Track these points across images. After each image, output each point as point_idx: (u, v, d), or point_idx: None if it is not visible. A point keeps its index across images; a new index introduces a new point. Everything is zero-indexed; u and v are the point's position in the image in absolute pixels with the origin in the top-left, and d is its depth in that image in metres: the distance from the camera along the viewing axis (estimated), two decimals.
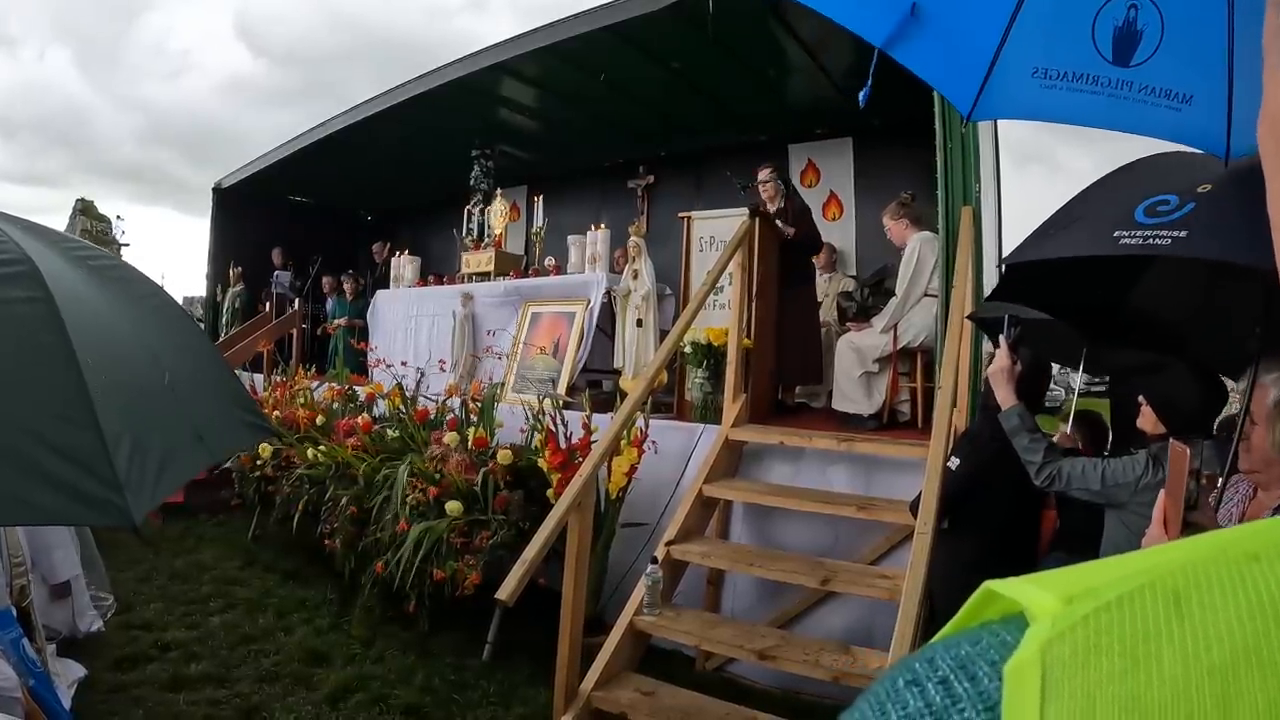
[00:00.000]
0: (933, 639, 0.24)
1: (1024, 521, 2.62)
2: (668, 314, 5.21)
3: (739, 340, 3.77)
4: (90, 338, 1.31)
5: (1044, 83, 1.74)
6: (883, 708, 0.22)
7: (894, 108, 5.62)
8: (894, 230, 4.12)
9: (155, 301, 1.78)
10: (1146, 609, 0.20)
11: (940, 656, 0.22)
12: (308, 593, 4.25)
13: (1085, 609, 0.20)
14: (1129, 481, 1.97)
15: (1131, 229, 1.46)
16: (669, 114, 6.28)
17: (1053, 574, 0.22)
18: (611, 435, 2.96)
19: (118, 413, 1.26)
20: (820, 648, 2.68)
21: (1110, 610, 0.20)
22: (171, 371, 1.53)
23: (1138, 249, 1.45)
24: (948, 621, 0.24)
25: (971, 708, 0.21)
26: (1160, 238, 1.41)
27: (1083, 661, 0.20)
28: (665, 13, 4.59)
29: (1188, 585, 0.20)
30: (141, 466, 1.26)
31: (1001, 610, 0.23)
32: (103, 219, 22.27)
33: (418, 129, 6.99)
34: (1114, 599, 0.20)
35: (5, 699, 2.10)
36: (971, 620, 0.24)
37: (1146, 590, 0.20)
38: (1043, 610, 0.21)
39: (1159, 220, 1.43)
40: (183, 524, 5.45)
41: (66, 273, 1.44)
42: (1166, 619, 0.20)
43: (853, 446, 3.44)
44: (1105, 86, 1.70)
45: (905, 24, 1.73)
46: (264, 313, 8.34)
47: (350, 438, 4.39)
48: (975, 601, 0.24)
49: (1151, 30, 1.62)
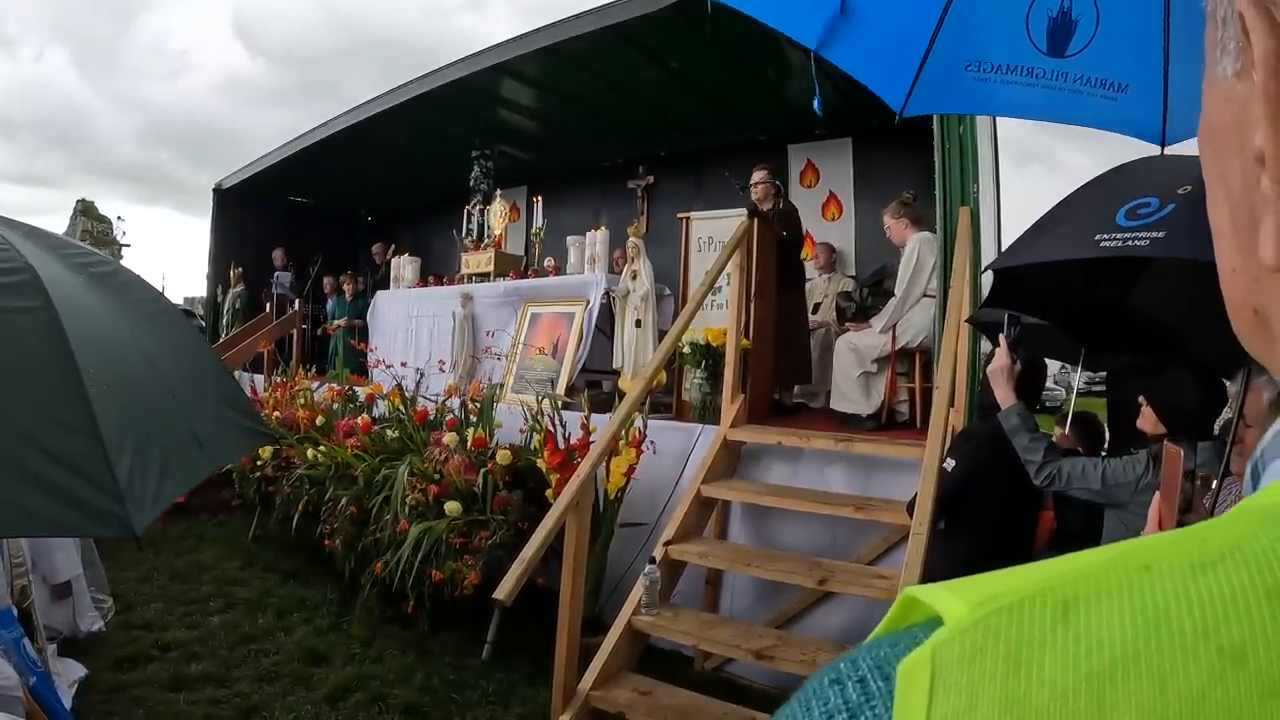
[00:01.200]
0: (863, 641, 0.25)
1: (1020, 522, 2.62)
2: (667, 314, 5.21)
3: (737, 340, 3.78)
4: (90, 345, 1.32)
5: (978, 76, 1.74)
6: (807, 704, 0.23)
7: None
8: (894, 229, 4.13)
9: (154, 307, 1.79)
10: (1035, 615, 0.21)
11: (862, 657, 0.24)
12: (308, 593, 4.26)
13: (979, 614, 0.21)
14: (1129, 481, 1.97)
15: (1112, 232, 1.47)
16: (669, 114, 6.29)
17: (969, 580, 0.23)
18: (609, 435, 2.97)
19: (118, 421, 1.26)
20: (818, 648, 2.69)
21: (1000, 615, 0.21)
22: (171, 378, 1.54)
23: (1117, 251, 1.45)
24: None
25: (882, 704, 0.22)
26: (1139, 239, 1.42)
27: (969, 661, 0.21)
28: (665, 12, 4.59)
29: (1077, 594, 0.21)
30: (143, 476, 1.26)
31: (926, 614, 0.24)
32: (103, 220, 22.32)
33: (418, 129, 7.00)
34: (1006, 605, 0.21)
35: (7, 698, 2.11)
36: (898, 624, 0.25)
37: (1038, 597, 0.21)
38: (951, 615, 0.22)
39: (1139, 223, 1.44)
40: (183, 524, 5.46)
41: (66, 279, 1.45)
42: (1053, 625, 0.20)
43: (851, 447, 3.45)
44: (1040, 78, 1.70)
45: (835, 23, 1.71)
46: (264, 313, 8.36)
47: (350, 438, 4.40)
48: (900, 606, 0.25)
49: (1086, 20, 1.61)
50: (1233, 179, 0.27)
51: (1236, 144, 0.26)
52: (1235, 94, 0.26)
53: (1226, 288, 0.29)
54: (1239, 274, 0.28)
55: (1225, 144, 0.27)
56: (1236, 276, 0.28)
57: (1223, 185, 0.28)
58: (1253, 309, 0.27)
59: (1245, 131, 0.26)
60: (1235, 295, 0.28)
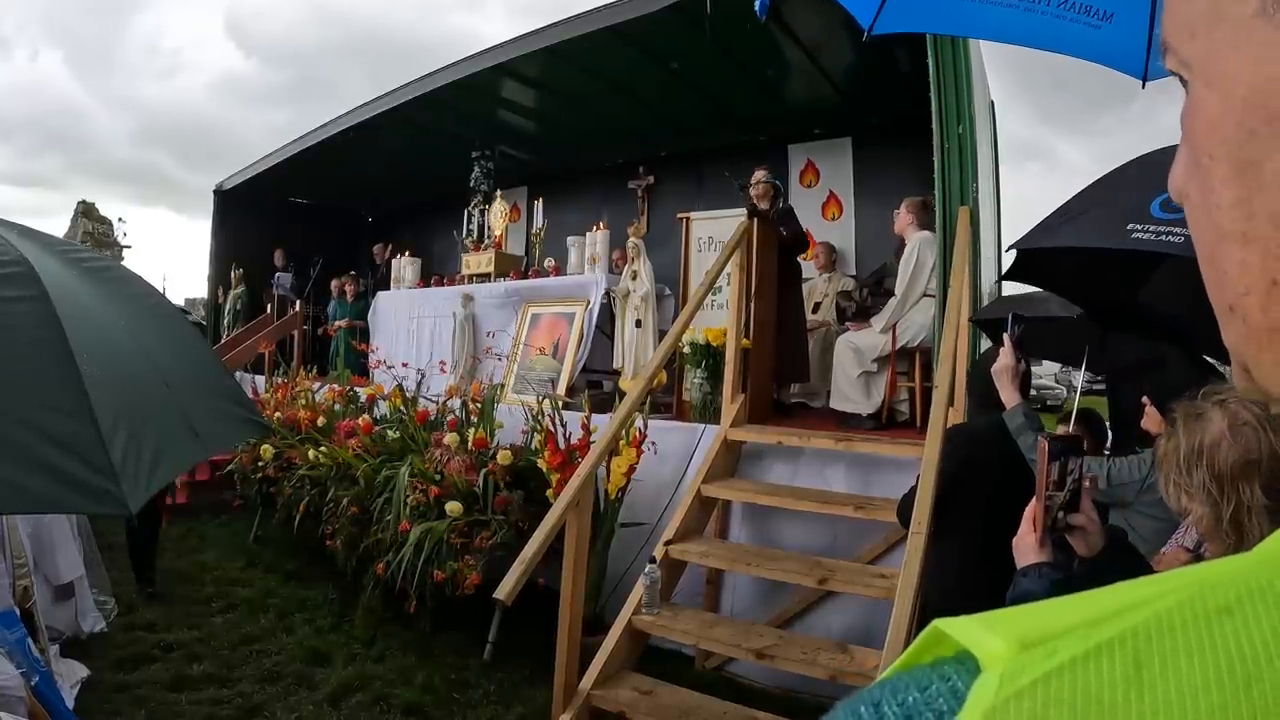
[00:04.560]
0: (882, 675, 0.22)
1: (1012, 523, 2.61)
2: (667, 314, 5.22)
3: (737, 340, 3.78)
4: (85, 334, 1.34)
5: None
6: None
7: (892, 108, 5.66)
8: (901, 220, 4.11)
9: (149, 301, 1.81)
10: (1103, 675, 0.18)
11: (887, 703, 0.21)
12: (309, 593, 4.27)
13: (1035, 671, 0.18)
14: (1134, 480, 1.96)
15: (1146, 223, 1.40)
16: (669, 115, 6.29)
17: (1005, 614, 0.21)
18: (610, 435, 2.97)
19: (113, 405, 1.28)
20: (818, 647, 2.69)
21: (1063, 675, 0.18)
22: (166, 367, 1.55)
23: (1149, 244, 1.38)
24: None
25: None
26: (1174, 234, 1.35)
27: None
28: (665, 13, 4.60)
29: (1150, 649, 0.18)
30: (137, 456, 1.28)
31: (953, 648, 0.21)
32: (104, 221, 22.36)
33: (419, 130, 7.01)
34: (1068, 661, 0.18)
35: (9, 699, 2.12)
36: (921, 657, 0.22)
37: (1104, 652, 0.18)
38: (992, 658, 0.19)
39: (1176, 216, 1.36)
40: (185, 525, 5.47)
41: (62, 273, 1.47)
42: (1125, 689, 0.18)
43: (851, 446, 3.45)
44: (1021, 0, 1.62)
45: None
46: (265, 314, 8.37)
47: (351, 439, 4.40)
48: (924, 640, 0.22)
49: None
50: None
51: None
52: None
53: (1259, 304, 0.24)
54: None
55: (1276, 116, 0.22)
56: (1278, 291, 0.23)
57: (1255, 175, 0.23)
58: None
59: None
60: (1274, 314, 0.24)
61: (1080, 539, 1.24)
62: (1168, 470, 1.14)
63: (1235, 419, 1.09)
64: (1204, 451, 1.09)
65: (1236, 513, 1.06)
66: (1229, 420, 1.09)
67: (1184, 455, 1.11)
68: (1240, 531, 1.06)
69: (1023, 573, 1.23)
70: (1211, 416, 1.11)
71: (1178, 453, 1.12)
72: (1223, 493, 1.07)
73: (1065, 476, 1.21)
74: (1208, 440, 1.09)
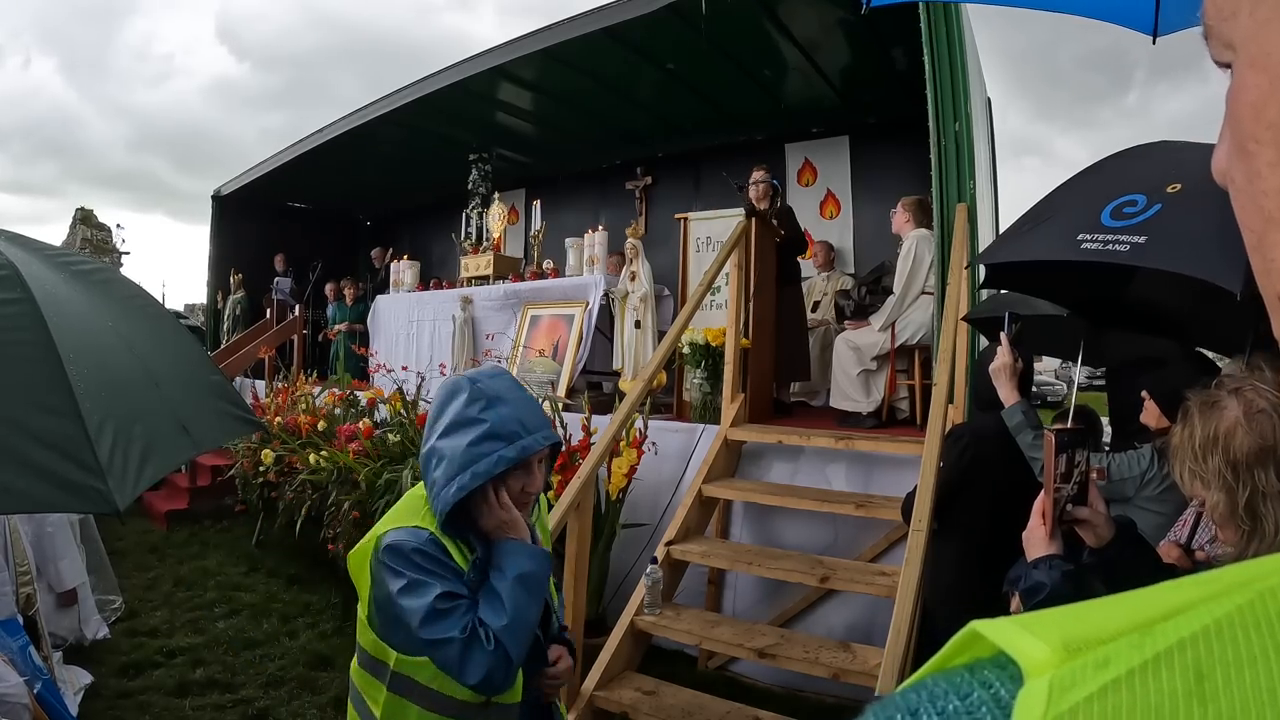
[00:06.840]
0: (916, 675, 0.21)
1: (1012, 519, 2.61)
2: (666, 315, 5.22)
3: (737, 340, 3.78)
4: (72, 334, 1.34)
5: None
6: None
7: (889, 106, 5.66)
8: (898, 219, 4.13)
9: (138, 302, 1.81)
10: (1163, 689, 0.17)
11: (925, 712, 0.19)
12: (312, 597, 4.27)
13: (1090, 684, 0.17)
14: (1134, 476, 1.97)
15: (1095, 232, 1.42)
16: (666, 115, 6.30)
17: (1043, 616, 0.20)
18: (610, 436, 2.97)
19: (100, 403, 1.29)
20: (820, 645, 2.69)
21: (1120, 690, 0.17)
22: (154, 367, 1.56)
23: (1096, 254, 1.40)
24: (938, 618, 0.21)
25: None
26: (1120, 244, 1.37)
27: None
28: (661, 14, 4.61)
29: (1211, 658, 0.17)
30: (124, 454, 1.28)
31: (990, 650, 0.20)
32: (103, 228, 22.38)
33: (416, 133, 7.01)
34: (1125, 674, 0.17)
35: (13, 706, 2.12)
36: (956, 658, 0.21)
37: (1164, 664, 0.17)
38: (1036, 665, 0.18)
39: (1122, 224, 1.38)
40: (187, 530, 5.48)
41: (48, 275, 1.48)
42: (1186, 701, 0.16)
43: (851, 444, 3.45)
44: None
45: None
46: (265, 319, 8.38)
47: (352, 443, 4.40)
48: (959, 641, 0.21)
49: None
50: None
51: None
52: None
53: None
54: None
55: None
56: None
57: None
58: None
59: None
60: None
61: (1088, 530, 1.25)
62: (1183, 457, 1.15)
63: (1251, 406, 1.10)
64: (1219, 438, 1.10)
65: (1251, 499, 1.07)
66: (1245, 407, 1.10)
67: (1199, 442, 1.12)
68: (1255, 517, 1.07)
69: (1033, 565, 1.25)
70: (1227, 404, 1.12)
71: (1193, 440, 1.13)
72: (1238, 479, 1.08)
73: (1072, 469, 1.22)
74: (1223, 427, 1.10)
